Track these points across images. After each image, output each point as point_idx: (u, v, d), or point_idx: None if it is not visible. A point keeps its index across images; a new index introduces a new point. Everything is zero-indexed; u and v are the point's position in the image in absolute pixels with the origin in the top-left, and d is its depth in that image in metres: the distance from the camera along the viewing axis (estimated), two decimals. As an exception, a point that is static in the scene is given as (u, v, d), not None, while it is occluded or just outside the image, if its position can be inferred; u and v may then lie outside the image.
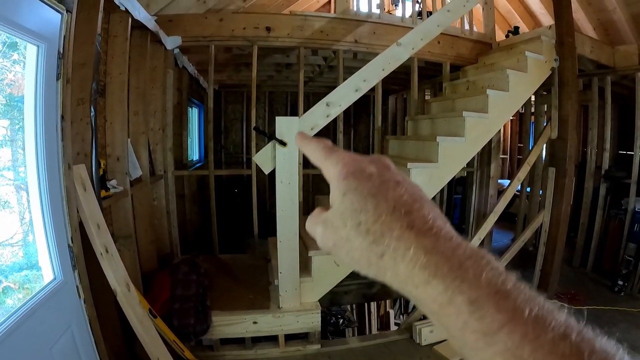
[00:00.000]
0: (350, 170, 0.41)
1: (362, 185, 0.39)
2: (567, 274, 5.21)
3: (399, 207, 0.37)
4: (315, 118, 2.72)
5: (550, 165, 4.38)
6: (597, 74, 5.34)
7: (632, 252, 5.02)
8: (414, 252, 0.35)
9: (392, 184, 0.39)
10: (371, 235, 0.37)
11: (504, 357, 0.30)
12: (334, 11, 4.93)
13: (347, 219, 0.39)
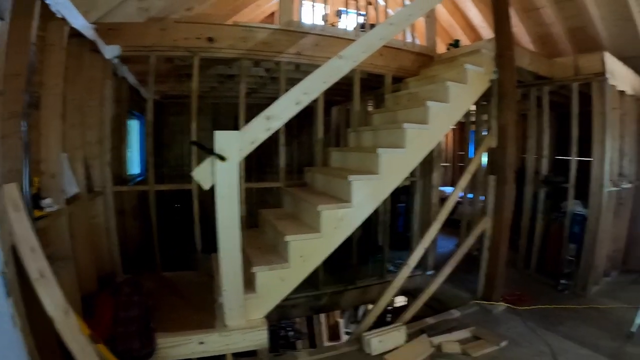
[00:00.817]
0: None
1: None
2: (512, 276, 5.44)
3: None
4: (256, 132, 2.73)
5: (491, 173, 4.60)
6: (535, 84, 5.68)
7: (572, 252, 5.38)
8: None
9: None
10: None
11: None
12: (278, 22, 4.99)
13: None
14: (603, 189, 5.09)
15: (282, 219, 3.58)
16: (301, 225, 3.35)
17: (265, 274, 2.90)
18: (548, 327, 4.17)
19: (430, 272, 5.80)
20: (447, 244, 7.22)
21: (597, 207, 5.15)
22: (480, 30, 8.23)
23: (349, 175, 3.20)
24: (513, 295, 4.90)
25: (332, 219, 3.10)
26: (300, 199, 3.65)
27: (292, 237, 2.97)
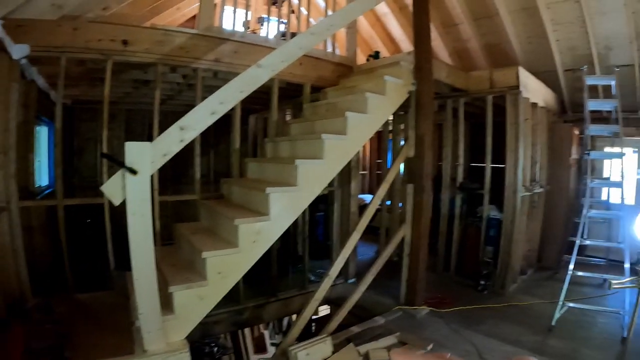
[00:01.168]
0: None
1: None
2: (432, 280, 5.64)
3: None
4: (169, 144, 2.58)
5: (409, 181, 4.73)
6: (452, 96, 5.97)
7: (490, 254, 5.69)
8: None
9: None
10: None
11: None
12: (197, 22, 4.81)
13: None
14: (517, 194, 5.40)
15: (198, 234, 3.47)
16: (218, 240, 3.26)
17: (183, 294, 2.78)
18: (471, 327, 4.33)
19: (351, 280, 5.85)
20: (367, 250, 7.36)
21: (511, 211, 5.47)
22: (400, 43, 8.54)
23: (267, 188, 3.15)
24: (435, 299, 5.06)
25: (250, 232, 3.03)
26: (217, 212, 3.54)
27: (209, 254, 2.87)
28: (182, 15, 7.89)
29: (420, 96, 4.51)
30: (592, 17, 5.98)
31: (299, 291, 5.38)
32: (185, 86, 5.57)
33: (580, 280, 5.39)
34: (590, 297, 5.29)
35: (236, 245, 2.99)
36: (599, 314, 4.88)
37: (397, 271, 5.03)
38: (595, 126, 5.93)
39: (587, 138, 5.89)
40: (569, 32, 6.34)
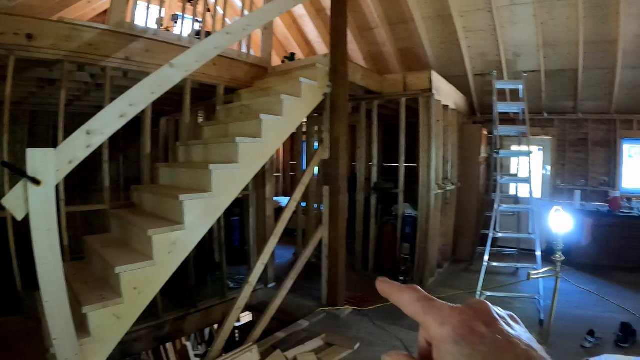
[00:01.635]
0: (460, 334, 0.39)
1: (477, 351, 0.37)
2: (352, 279, 5.75)
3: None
4: (74, 150, 2.40)
5: (325, 183, 4.81)
6: (366, 98, 6.16)
7: (407, 250, 5.95)
8: None
9: (505, 344, 0.38)
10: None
11: None
12: (108, 16, 4.49)
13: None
14: (430, 192, 5.67)
15: (110, 247, 3.27)
16: (132, 252, 3.10)
17: (98, 314, 2.60)
18: (395, 322, 4.46)
19: (272, 284, 5.84)
20: (285, 253, 7.39)
21: (426, 209, 5.76)
22: (315, 45, 8.69)
23: (181, 195, 3.04)
24: (357, 298, 5.20)
25: (165, 243, 2.90)
26: (129, 222, 3.35)
27: (122, 268, 2.69)
28: (93, 9, 7.52)
29: (335, 98, 4.59)
30: (502, 26, 6.48)
31: (219, 300, 5.26)
32: (94, 86, 5.23)
33: (495, 270, 5.84)
34: (505, 285, 5.71)
35: (151, 257, 2.84)
36: (515, 299, 5.34)
37: (316, 273, 5.11)
38: (504, 127, 6.39)
39: (496, 138, 6.30)
40: (480, 39, 6.81)
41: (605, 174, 7.69)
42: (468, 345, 0.37)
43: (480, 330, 0.38)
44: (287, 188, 11.47)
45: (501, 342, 0.37)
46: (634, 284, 6.10)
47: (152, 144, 4.92)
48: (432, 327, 0.40)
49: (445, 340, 0.39)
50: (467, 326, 0.39)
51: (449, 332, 0.39)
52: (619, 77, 6.72)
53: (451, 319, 0.40)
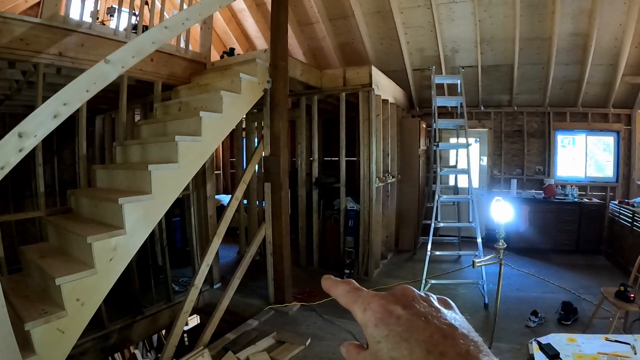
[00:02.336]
0: (378, 317, 0.41)
1: (393, 332, 0.40)
2: (298, 275, 5.82)
3: (432, 349, 0.38)
4: (6, 154, 2.28)
5: (266, 180, 4.81)
6: (306, 93, 6.20)
7: (350, 244, 6.05)
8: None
9: (421, 324, 0.40)
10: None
11: None
12: (41, 10, 4.23)
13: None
14: (371, 186, 5.81)
15: (48, 257, 3.11)
16: (72, 261, 2.96)
17: (41, 329, 2.47)
18: (344, 315, 4.54)
19: (217, 285, 5.82)
20: (228, 252, 7.36)
21: (367, 202, 5.89)
22: (254, 40, 8.67)
23: (120, 198, 2.95)
24: (303, 293, 5.28)
25: (106, 250, 2.81)
26: (66, 229, 3.16)
27: (63, 279, 2.57)
28: (25, 1, 7.07)
29: (275, 94, 4.60)
30: (441, 22, 6.73)
31: (165, 304, 5.18)
32: (25, 84, 4.95)
33: (438, 258, 6.11)
34: (449, 272, 5.98)
35: (92, 265, 2.74)
36: (460, 286, 5.59)
37: (261, 270, 5.14)
38: (442, 120, 6.65)
39: (436, 131, 6.50)
40: (419, 35, 7.04)
41: (540, 163, 8.14)
42: (385, 327, 0.40)
43: (396, 312, 0.41)
44: (227, 185, 11.37)
45: (416, 322, 0.40)
46: (571, 265, 6.57)
47: (88, 144, 4.73)
48: (358, 314, 0.44)
49: (367, 324, 0.42)
50: (384, 309, 0.42)
51: (369, 317, 0.42)
52: (552, 72, 7.13)
53: (372, 305, 0.43)
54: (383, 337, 0.40)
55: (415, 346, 0.38)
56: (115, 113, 5.42)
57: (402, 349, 0.38)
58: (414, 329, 0.39)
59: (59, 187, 6.80)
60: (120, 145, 4.38)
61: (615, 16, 6.15)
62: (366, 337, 0.43)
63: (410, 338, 0.39)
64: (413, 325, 0.40)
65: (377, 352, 0.40)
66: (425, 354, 0.37)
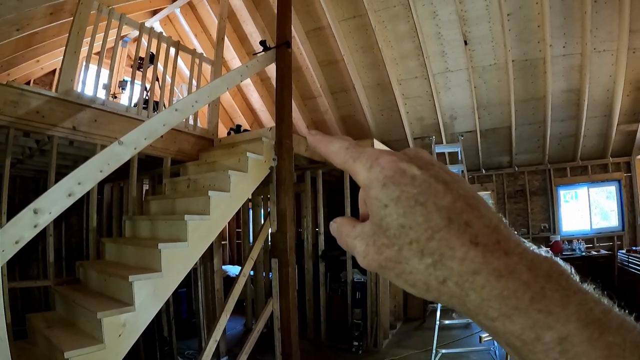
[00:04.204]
0: (388, 175, 0.35)
1: (406, 193, 0.34)
2: (305, 348, 5.73)
3: (455, 217, 0.33)
4: (21, 229, 2.39)
5: (273, 256, 4.89)
6: (311, 167, 6.46)
7: (358, 316, 6.06)
8: (486, 279, 0.32)
9: (441, 188, 0.35)
10: (428, 256, 0.33)
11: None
12: (57, 83, 4.48)
13: (393, 237, 0.35)
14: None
15: (55, 327, 3.19)
16: (80, 334, 3.03)
17: None
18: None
19: (224, 358, 5.81)
20: (234, 324, 7.33)
21: (374, 274, 5.91)
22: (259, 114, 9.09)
23: (130, 275, 3.04)
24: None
25: (115, 325, 2.87)
26: (75, 302, 3.29)
27: (71, 353, 2.61)
28: (41, 68, 7.52)
29: (280, 172, 4.75)
30: (438, 91, 7.08)
31: (170, 378, 5.15)
32: (38, 151, 5.15)
33: (448, 325, 6.03)
34: (459, 339, 5.97)
35: (101, 340, 2.79)
36: (472, 353, 5.54)
37: (268, 343, 5.14)
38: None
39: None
40: (418, 105, 7.41)
41: (545, 221, 8.29)
42: (396, 187, 0.35)
43: (411, 172, 0.35)
44: (234, 256, 11.47)
45: (435, 185, 0.35)
46: None
47: (97, 214, 4.88)
48: (360, 172, 0.38)
49: (373, 184, 0.36)
50: (396, 167, 0.36)
51: (376, 175, 0.36)
52: (549, 130, 7.42)
53: (380, 161, 0.37)
54: (392, 199, 0.34)
55: (433, 212, 0.33)
56: (124, 182, 5.57)
57: (416, 215, 0.33)
58: (433, 193, 0.34)
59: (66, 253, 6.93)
60: (130, 220, 4.53)
61: (604, 69, 6.47)
62: (368, 203, 0.37)
63: (427, 202, 0.34)
64: (431, 188, 0.34)
65: (382, 219, 0.35)
66: (445, 222, 0.33)
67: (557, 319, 0.30)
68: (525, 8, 6.10)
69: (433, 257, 0.33)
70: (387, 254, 0.35)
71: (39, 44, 6.34)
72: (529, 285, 0.31)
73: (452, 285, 0.33)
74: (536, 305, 0.30)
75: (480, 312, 0.32)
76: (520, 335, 0.31)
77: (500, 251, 0.32)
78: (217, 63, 6.12)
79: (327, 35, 7.14)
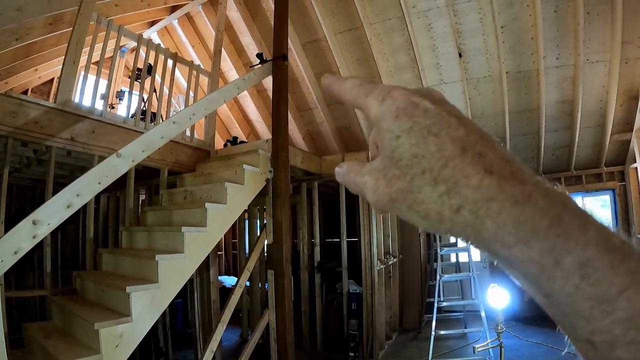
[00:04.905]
0: (400, 107, 0.36)
1: (419, 124, 0.35)
2: (301, 358, 5.90)
3: (469, 147, 0.33)
4: (19, 240, 2.44)
5: (269, 267, 4.90)
6: (306, 179, 6.52)
7: (354, 326, 6.08)
8: (501, 205, 0.31)
9: (454, 121, 0.35)
10: (441, 184, 0.33)
11: (624, 327, 0.28)
12: (55, 93, 4.52)
13: (406, 167, 0.35)
14: (373, 269, 5.96)
15: (52, 338, 3.22)
16: (77, 344, 3.04)
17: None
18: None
19: (219, 369, 5.80)
20: (230, 335, 7.32)
21: (370, 285, 6.04)
22: (255, 125, 9.13)
23: (127, 286, 3.06)
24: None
25: (112, 336, 2.88)
26: (72, 312, 3.31)
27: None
28: (39, 78, 7.62)
29: (276, 184, 4.79)
30: None
31: (165, 389, 5.15)
32: (35, 161, 5.17)
33: (443, 335, 6.08)
34: (455, 349, 6.03)
35: (98, 351, 2.80)
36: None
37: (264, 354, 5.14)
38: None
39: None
40: (414, 116, 7.43)
41: (540, 232, 8.30)
42: (408, 119, 0.35)
43: (424, 105, 0.36)
44: (230, 266, 11.50)
45: (448, 118, 0.35)
46: None
47: (94, 223, 4.91)
48: (373, 105, 0.38)
49: (385, 116, 0.36)
50: (409, 100, 0.36)
51: (388, 107, 0.36)
52: (543, 140, 7.47)
53: (393, 94, 0.37)
54: (405, 130, 0.35)
55: (447, 142, 0.34)
56: (121, 192, 5.59)
57: (428, 144, 0.34)
58: (446, 124, 0.35)
59: (62, 262, 6.92)
60: (127, 231, 4.56)
61: (597, 79, 6.54)
62: (379, 137, 0.38)
63: (440, 133, 0.34)
64: (444, 120, 0.35)
65: (393, 150, 0.35)
66: (459, 152, 0.33)
67: (576, 244, 0.30)
68: (518, 20, 6.19)
69: (447, 185, 0.33)
70: (399, 185, 0.35)
71: (38, 54, 6.41)
72: (546, 211, 0.31)
73: (466, 214, 0.32)
74: (554, 230, 0.30)
75: (497, 240, 0.32)
76: (538, 261, 0.30)
77: (516, 180, 0.32)
78: (214, 75, 6.19)
79: (323, 48, 7.22)
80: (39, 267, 4.32)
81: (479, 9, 6.13)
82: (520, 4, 6.01)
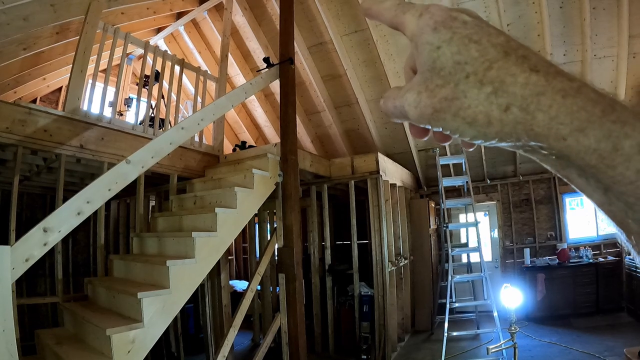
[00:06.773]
0: (439, 20, 0.36)
1: (459, 34, 0.35)
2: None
3: (511, 51, 0.34)
4: (30, 247, 2.42)
5: (280, 271, 4.90)
6: (316, 182, 6.51)
7: (366, 329, 6.05)
8: (552, 98, 0.32)
9: (493, 30, 0.36)
10: (488, 85, 0.34)
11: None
12: (64, 101, 4.51)
13: (448, 74, 0.35)
14: (384, 271, 5.93)
15: (64, 344, 3.22)
16: (89, 350, 3.05)
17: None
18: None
19: (232, 373, 5.77)
20: (241, 339, 7.29)
21: (381, 287, 5.98)
22: (263, 129, 9.17)
23: (138, 292, 3.05)
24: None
25: (124, 342, 2.86)
26: (84, 318, 3.31)
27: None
28: (48, 86, 7.63)
29: (286, 187, 4.78)
30: None
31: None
32: (45, 169, 5.18)
33: (456, 337, 6.03)
34: (468, 350, 5.98)
35: (110, 357, 2.79)
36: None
37: (275, 358, 5.16)
38: (450, 200, 6.89)
39: (444, 211, 6.69)
40: (422, 117, 7.42)
41: (551, 229, 8.24)
42: (448, 30, 0.36)
43: (462, 18, 0.36)
44: (240, 271, 11.50)
45: (487, 28, 0.36)
46: (593, 327, 6.53)
47: (104, 230, 4.90)
48: (411, 22, 0.39)
49: (424, 29, 0.37)
50: (447, 14, 0.37)
51: (427, 21, 0.37)
52: (552, 138, 7.38)
53: (430, 9, 0.38)
54: (445, 40, 0.36)
55: (489, 47, 0.34)
56: (131, 199, 5.59)
57: (471, 51, 0.35)
58: (486, 33, 0.35)
59: (73, 269, 6.94)
60: (137, 237, 4.56)
61: (605, 75, 6.48)
62: (418, 51, 0.38)
63: (481, 40, 0.35)
64: (484, 30, 0.35)
65: (434, 60, 0.36)
66: (502, 55, 0.34)
67: (633, 128, 0.29)
68: (524, 17, 6.14)
69: (494, 85, 0.33)
70: (443, 93, 0.36)
71: (46, 63, 6.43)
72: (598, 101, 0.31)
73: (516, 111, 0.33)
74: (609, 117, 0.30)
75: (551, 133, 0.32)
76: (596, 149, 0.30)
77: (563, 77, 0.33)
78: (222, 80, 6.18)
79: (329, 50, 7.22)
80: (51, 274, 4.33)
81: (485, 7, 6.09)
82: (526, 1, 5.96)
